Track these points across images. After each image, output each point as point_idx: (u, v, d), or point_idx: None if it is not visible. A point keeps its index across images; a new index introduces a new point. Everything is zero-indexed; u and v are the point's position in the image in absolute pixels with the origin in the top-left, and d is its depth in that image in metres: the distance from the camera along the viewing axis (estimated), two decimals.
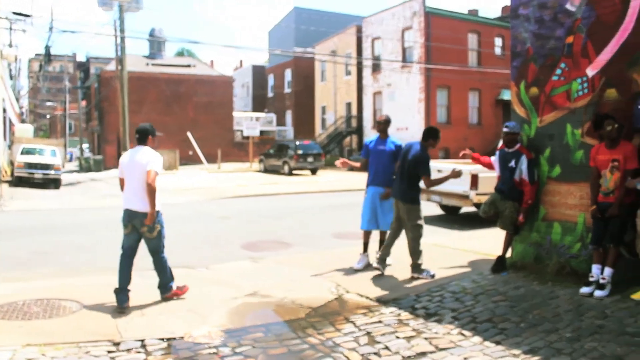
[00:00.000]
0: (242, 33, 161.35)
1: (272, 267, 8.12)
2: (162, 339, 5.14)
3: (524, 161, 7.25)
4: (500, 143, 7.91)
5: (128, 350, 4.92)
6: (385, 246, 7.62)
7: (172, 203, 16.63)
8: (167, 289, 6.41)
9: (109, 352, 4.87)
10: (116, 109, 30.71)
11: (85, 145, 56.80)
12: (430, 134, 7.53)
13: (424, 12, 33.62)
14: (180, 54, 70.26)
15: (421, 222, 7.41)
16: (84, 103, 55.55)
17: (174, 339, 5.17)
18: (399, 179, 7.60)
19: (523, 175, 7.24)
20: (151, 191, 6.00)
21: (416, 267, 7.32)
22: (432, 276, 7.23)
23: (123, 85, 28.18)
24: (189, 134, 40.04)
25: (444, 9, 34.80)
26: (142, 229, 6.17)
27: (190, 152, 40.00)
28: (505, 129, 7.43)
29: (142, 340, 5.10)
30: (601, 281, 6.23)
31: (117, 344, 5.02)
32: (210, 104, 43.06)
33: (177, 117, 40.75)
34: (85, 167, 38.86)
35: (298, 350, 4.90)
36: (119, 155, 29.82)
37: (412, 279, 7.24)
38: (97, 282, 7.11)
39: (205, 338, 5.19)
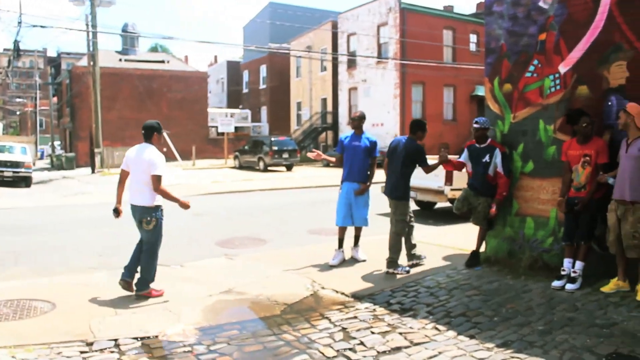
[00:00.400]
0: (217, 28, 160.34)
1: (247, 264, 8.09)
2: (136, 338, 5.09)
3: (498, 155, 7.32)
4: (469, 140, 7.99)
5: (101, 350, 4.85)
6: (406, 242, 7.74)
7: None
8: (144, 286, 6.37)
9: (82, 352, 4.80)
10: (88, 105, 30.32)
11: (57, 143, 55.96)
12: (419, 126, 7.55)
13: (399, 8, 33.75)
14: (154, 49, 69.52)
15: (406, 218, 7.47)
16: (55, 99, 54.68)
17: (148, 337, 5.13)
18: (388, 175, 7.67)
19: (498, 169, 7.31)
20: (162, 194, 6.35)
21: (392, 262, 7.35)
22: (407, 272, 7.28)
23: (95, 81, 27.86)
24: (164, 133, 39.76)
25: (420, 5, 34.96)
26: (140, 221, 6.38)
27: (165, 149, 39.64)
28: (475, 125, 7.50)
29: (116, 340, 5.03)
30: (572, 275, 6.34)
31: (90, 344, 4.95)
32: (184, 100, 42.69)
33: (151, 113, 40.14)
34: (57, 164, 38.29)
35: (273, 347, 4.90)
36: (92, 152, 29.54)
37: (387, 274, 7.28)
38: (70, 282, 7.03)
39: (179, 336, 5.15)
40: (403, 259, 7.52)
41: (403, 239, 7.52)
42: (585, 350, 4.59)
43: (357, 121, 8.16)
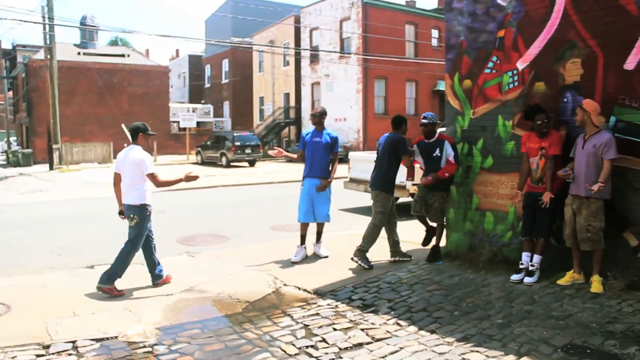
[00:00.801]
0: (179, 22, 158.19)
1: (209, 262, 8.03)
2: (95, 340, 4.99)
3: (448, 146, 7.45)
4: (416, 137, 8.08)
5: (58, 352, 4.74)
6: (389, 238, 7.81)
7: (104, 197, 16.20)
8: (108, 280, 6.31)
9: (38, 356, 4.68)
10: (46, 100, 29.57)
11: (13, 139, 54.52)
12: (402, 120, 7.71)
13: (361, 3, 33.81)
14: (114, 43, 68.26)
15: (386, 210, 7.54)
16: (10, 94, 53.21)
17: (107, 338, 5.03)
18: (373, 168, 7.78)
19: (450, 158, 7.43)
20: (165, 185, 6.73)
21: (360, 252, 7.41)
22: (370, 267, 7.30)
23: (53, 75, 27.23)
24: (123, 126, 38.88)
25: (382, 0, 35.08)
26: (128, 217, 6.59)
27: (125, 145, 38.82)
28: (424, 120, 7.61)
29: (74, 342, 4.92)
30: (530, 268, 6.46)
31: (46, 347, 4.83)
32: (145, 94, 42.05)
33: (111, 108, 39.57)
34: (13, 161, 37.21)
35: (235, 346, 4.86)
36: (50, 148, 28.85)
37: (352, 260, 7.38)
38: (27, 283, 6.86)
39: (139, 337, 5.07)
40: (385, 255, 7.62)
41: (377, 231, 7.54)
42: (542, 342, 4.68)
43: (318, 117, 8.17)
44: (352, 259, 7.41)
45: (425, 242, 7.86)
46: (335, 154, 8.21)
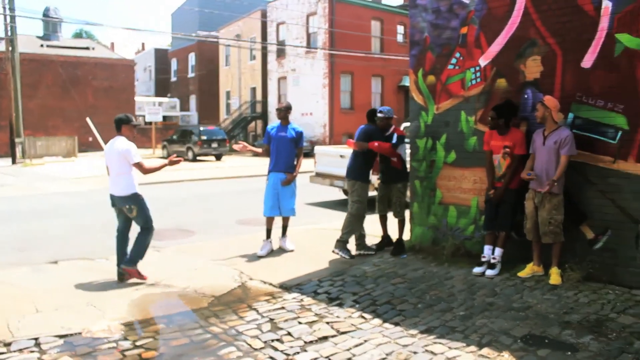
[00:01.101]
0: (145, 15, 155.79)
1: (174, 256, 7.99)
2: (58, 336, 4.92)
3: (395, 136, 7.65)
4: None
5: (20, 350, 4.66)
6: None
7: (70, 192, 15.99)
8: (132, 263, 6.59)
9: None
10: (8, 93, 28.83)
11: None
12: (374, 113, 7.76)
13: None
14: (78, 35, 67.00)
15: (362, 200, 7.60)
16: None
17: (71, 335, 4.97)
18: (350, 159, 7.85)
19: (392, 142, 7.60)
20: (151, 172, 6.88)
21: (339, 242, 7.51)
22: (351, 257, 7.46)
23: (15, 67, 26.65)
24: (88, 120, 38.22)
25: None
26: (120, 209, 6.78)
27: (90, 139, 38.19)
28: (380, 114, 7.69)
29: (36, 339, 4.85)
30: (492, 261, 6.60)
31: (8, 345, 4.74)
32: (110, 88, 41.37)
33: (76, 102, 38.82)
34: None
35: (200, 340, 4.86)
36: (12, 142, 28.22)
37: (333, 253, 7.49)
38: None
39: (104, 332, 5.03)
40: (350, 248, 7.68)
41: (353, 221, 7.61)
42: (503, 333, 4.80)
43: (283, 112, 8.21)
44: (333, 251, 7.49)
45: (379, 247, 7.93)
46: (300, 148, 8.28)
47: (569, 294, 5.75)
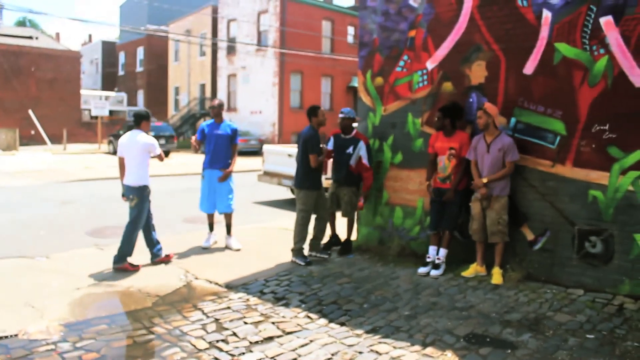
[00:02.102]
0: (92, 6, 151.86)
1: None
2: None
3: (362, 147, 7.56)
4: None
5: None
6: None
7: (10, 187, 15.46)
8: (122, 260, 6.96)
9: None
10: None
11: None
12: (310, 112, 7.43)
13: None
14: (21, 23, 64.74)
15: (307, 208, 7.39)
16: None
17: (7, 337, 4.81)
18: (297, 166, 7.54)
19: (364, 161, 7.54)
20: (163, 159, 7.64)
21: (294, 251, 7.39)
22: (307, 263, 7.21)
23: None
24: (30, 112, 37.14)
25: None
26: (127, 198, 7.26)
27: (33, 132, 37.10)
28: (341, 115, 7.71)
29: None
30: (437, 261, 6.73)
31: None
32: (55, 80, 40.21)
33: (17, 92, 37.62)
34: None
35: (144, 341, 4.79)
36: None
37: (292, 262, 7.31)
38: None
39: (42, 334, 4.89)
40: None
41: (300, 228, 7.41)
42: (446, 332, 4.90)
43: (217, 109, 8.28)
44: (292, 261, 7.34)
45: (326, 246, 7.91)
46: (235, 145, 8.36)
47: (509, 294, 5.92)
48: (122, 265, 6.92)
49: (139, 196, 7.14)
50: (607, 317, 5.26)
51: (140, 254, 7.31)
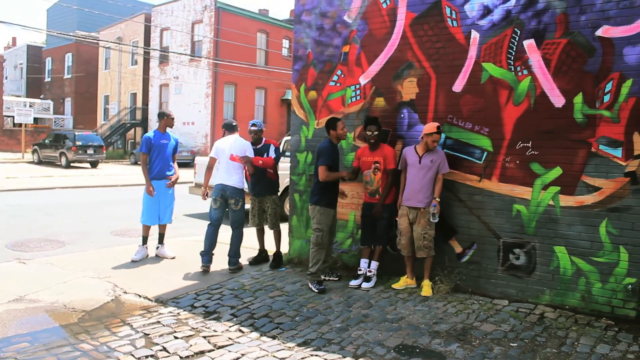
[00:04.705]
0: (17, 7, 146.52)
1: (43, 269, 7.53)
2: None
3: (272, 148, 7.80)
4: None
5: None
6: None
7: None
8: (232, 261, 7.47)
9: None
10: None
11: None
12: (328, 125, 6.93)
13: (214, 7, 33.61)
14: None
15: (322, 227, 6.74)
16: None
17: None
18: (313, 181, 7.09)
19: (272, 155, 7.75)
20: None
21: (310, 275, 6.76)
22: (322, 290, 6.56)
23: None
24: None
25: (235, 6, 35.10)
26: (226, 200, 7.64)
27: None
28: (255, 127, 7.86)
29: None
30: (368, 274, 6.82)
31: None
32: None
33: None
34: None
35: (69, 358, 4.62)
36: None
37: (308, 287, 6.73)
38: None
39: None
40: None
41: (316, 249, 6.80)
42: (377, 344, 4.97)
43: (172, 120, 8.36)
44: (308, 287, 6.73)
45: (256, 261, 7.93)
46: (175, 156, 8.45)
47: (438, 305, 6.06)
48: (238, 265, 7.53)
49: (243, 199, 7.61)
50: (529, 325, 5.48)
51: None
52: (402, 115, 7.01)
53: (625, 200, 5.58)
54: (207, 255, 7.50)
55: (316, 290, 6.56)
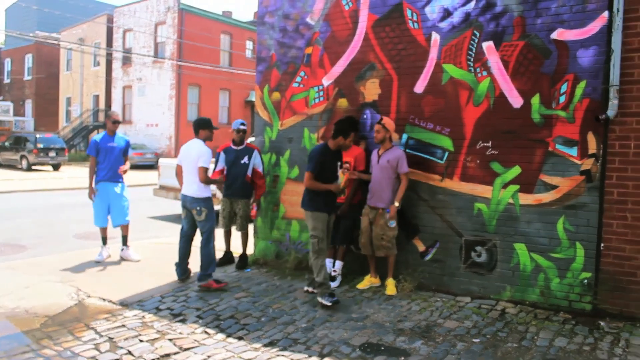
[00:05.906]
0: None
1: (3, 274, 7.38)
2: None
3: (257, 155, 7.72)
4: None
5: None
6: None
7: None
8: (203, 277, 6.73)
9: None
10: None
11: None
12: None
13: (178, 9, 33.32)
14: None
15: (317, 233, 6.22)
16: None
17: None
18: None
19: (259, 169, 7.68)
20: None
21: (319, 286, 6.19)
22: (335, 302, 6.01)
23: None
24: None
25: (199, 8, 34.86)
26: (189, 210, 7.00)
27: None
28: (242, 126, 7.79)
29: None
30: (333, 274, 6.86)
31: None
32: None
33: None
34: None
35: None
36: None
37: (320, 304, 6.11)
38: None
39: None
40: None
41: (316, 257, 6.25)
42: (343, 342, 5.02)
43: (119, 124, 8.38)
44: (319, 303, 6.12)
45: (220, 263, 7.82)
46: (127, 157, 8.38)
47: (402, 303, 6.15)
48: (207, 283, 6.70)
49: (207, 207, 6.87)
50: (490, 321, 5.60)
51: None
52: (365, 116, 7.09)
53: (581, 198, 5.75)
54: (179, 268, 7.13)
55: (329, 304, 5.96)
